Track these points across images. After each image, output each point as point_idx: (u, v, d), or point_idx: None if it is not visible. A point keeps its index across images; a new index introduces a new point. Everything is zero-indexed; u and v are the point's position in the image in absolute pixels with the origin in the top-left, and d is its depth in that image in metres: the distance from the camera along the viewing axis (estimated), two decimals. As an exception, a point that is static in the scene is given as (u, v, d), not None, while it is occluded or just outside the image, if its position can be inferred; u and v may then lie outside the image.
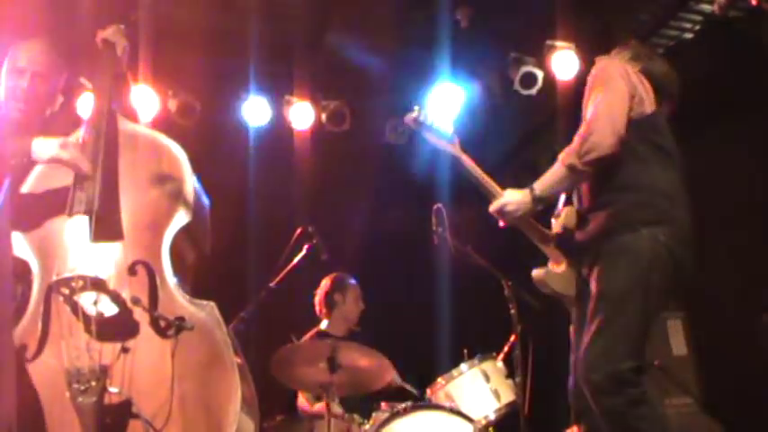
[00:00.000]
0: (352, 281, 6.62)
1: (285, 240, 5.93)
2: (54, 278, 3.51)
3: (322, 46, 7.47)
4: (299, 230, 5.87)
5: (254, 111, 7.82)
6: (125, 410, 3.39)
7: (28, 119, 4.12)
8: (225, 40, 7.34)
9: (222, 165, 7.53)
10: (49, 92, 4.16)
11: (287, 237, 5.94)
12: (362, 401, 5.79)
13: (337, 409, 5.38)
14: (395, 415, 5.21)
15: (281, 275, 5.84)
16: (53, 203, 3.68)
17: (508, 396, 5.57)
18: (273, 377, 5.31)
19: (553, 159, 4.24)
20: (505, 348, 5.77)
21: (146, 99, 7.27)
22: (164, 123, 7.40)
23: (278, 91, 7.86)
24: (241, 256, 7.36)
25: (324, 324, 6.50)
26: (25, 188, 3.79)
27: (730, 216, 6.16)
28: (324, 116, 7.95)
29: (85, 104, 4.59)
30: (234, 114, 7.83)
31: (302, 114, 7.89)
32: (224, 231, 7.04)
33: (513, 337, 5.56)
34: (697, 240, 4.05)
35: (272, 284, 5.79)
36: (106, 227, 3.62)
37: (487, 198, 4.38)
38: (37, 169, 3.84)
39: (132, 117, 4.30)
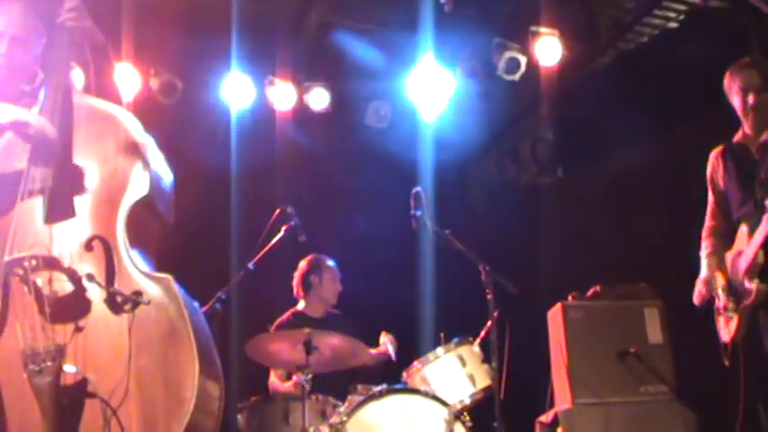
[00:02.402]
0: (330, 262, 6.62)
1: (265, 221, 5.91)
2: (6, 258, 3.45)
3: (305, 27, 7.43)
4: (277, 211, 5.85)
5: (237, 91, 7.78)
6: (82, 389, 3.32)
7: (8, 88, 3.90)
8: (207, 20, 7.30)
9: (203, 144, 7.52)
10: (27, 59, 3.95)
11: (267, 217, 5.92)
12: (338, 383, 5.79)
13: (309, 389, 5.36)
14: (370, 398, 5.20)
15: (260, 255, 5.82)
16: (9, 182, 3.61)
17: (484, 381, 5.57)
18: (248, 357, 5.32)
19: (535, 145, 4.24)
20: (482, 333, 5.78)
21: (128, 77, 7.22)
22: (146, 102, 7.37)
23: (260, 71, 7.83)
24: (220, 236, 7.34)
25: (301, 305, 6.50)
26: None
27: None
28: (306, 97, 7.92)
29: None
30: (216, 94, 7.79)
31: (284, 95, 7.87)
32: (203, 211, 7.08)
33: (489, 323, 5.56)
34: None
35: (250, 264, 5.78)
36: (60, 206, 3.55)
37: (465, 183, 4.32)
38: None
39: (115, 94, 4.19)
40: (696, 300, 4.72)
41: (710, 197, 4.82)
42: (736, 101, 4.62)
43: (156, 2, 6.94)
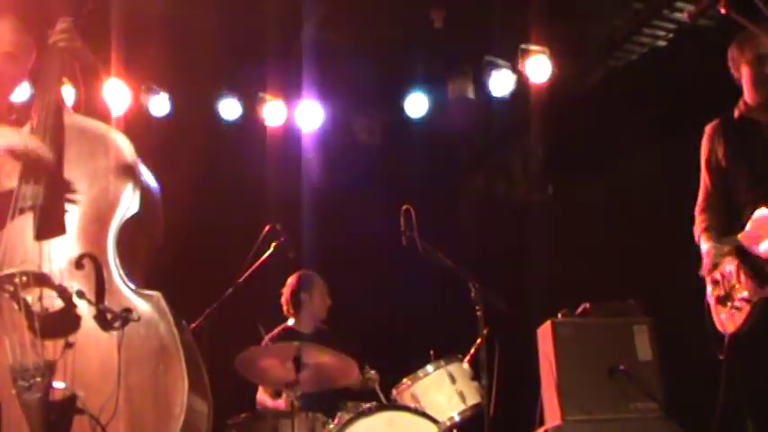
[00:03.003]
0: (318, 278, 6.61)
1: (254, 237, 5.91)
2: None
3: (295, 44, 7.45)
4: (266, 228, 5.85)
5: (227, 107, 7.80)
6: (71, 405, 3.33)
7: None
8: (199, 36, 7.32)
9: (194, 159, 7.51)
10: (17, 75, 4.00)
11: (256, 234, 5.92)
12: (327, 400, 5.77)
13: (299, 406, 5.34)
14: (359, 415, 5.20)
15: (248, 272, 5.81)
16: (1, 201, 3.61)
17: (474, 398, 5.57)
18: (238, 373, 5.30)
19: (525, 162, 4.22)
20: (472, 350, 5.78)
21: (118, 93, 7.23)
22: (136, 118, 7.38)
23: (251, 88, 7.84)
24: (209, 253, 7.34)
25: (291, 321, 6.48)
26: None
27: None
28: (296, 113, 7.94)
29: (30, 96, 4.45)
30: (207, 110, 7.80)
31: (274, 112, 7.88)
32: (193, 227, 7.07)
33: (479, 340, 5.56)
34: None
35: (239, 281, 5.77)
36: (50, 223, 3.56)
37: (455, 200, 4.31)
38: None
39: (104, 112, 4.21)
40: (703, 272, 4.36)
41: (705, 177, 4.52)
42: (745, 72, 4.36)
43: (146, 18, 6.96)
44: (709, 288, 4.38)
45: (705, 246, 4.38)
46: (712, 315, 4.35)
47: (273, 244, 5.87)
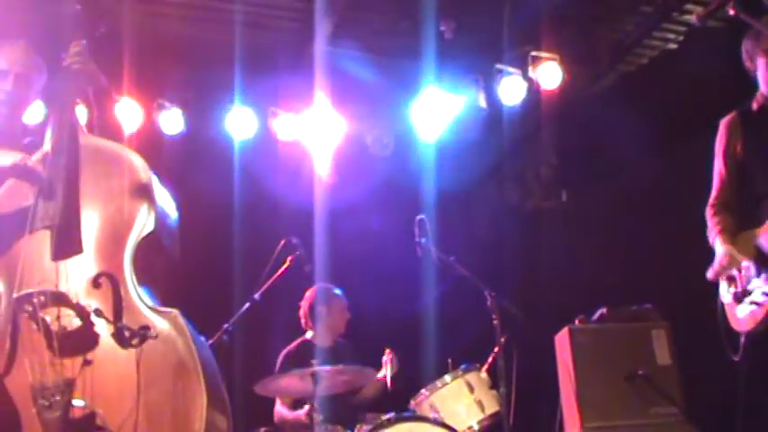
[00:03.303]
0: (337, 291, 6.62)
1: (270, 251, 5.92)
2: (14, 295, 3.48)
3: (306, 57, 7.48)
4: (282, 242, 5.86)
5: (240, 122, 7.82)
6: (90, 423, 3.36)
7: (11, 125, 4.02)
8: (210, 52, 7.36)
9: (207, 176, 7.54)
10: (29, 95, 4.05)
11: (272, 248, 5.93)
12: (346, 412, 5.78)
13: (318, 419, 5.37)
14: (378, 426, 5.20)
15: (265, 287, 5.82)
16: (15, 222, 3.65)
17: (492, 406, 5.56)
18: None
19: (538, 169, 4.20)
20: (489, 359, 5.78)
21: (130, 111, 7.27)
22: (149, 135, 7.41)
23: (263, 102, 7.87)
24: (226, 268, 7.35)
25: (309, 334, 6.50)
26: None
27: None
28: (307, 127, 7.95)
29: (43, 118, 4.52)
30: (219, 125, 7.83)
31: (287, 126, 7.91)
32: (208, 243, 7.09)
33: (496, 348, 5.56)
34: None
35: (255, 296, 5.78)
36: (67, 243, 3.60)
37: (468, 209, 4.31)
38: None
39: (117, 131, 4.26)
40: (710, 275, 4.34)
41: (721, 170, 4.44)
42: (761, 63, 4.29)
43: (158, 36, 7.01)
44: (723, 287, 4.32)
45: (721, 249, 4.31)
46: (727, 315, 4.30)
47: (289, 258, 5.88)
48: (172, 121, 7.62)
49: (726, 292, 4.31)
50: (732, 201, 4.40)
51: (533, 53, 7.59)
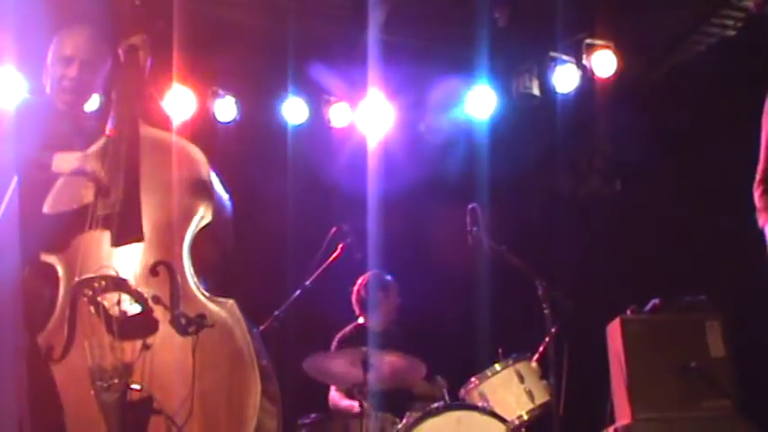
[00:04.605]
0: (389, 277, 6.66)
1: (322, 239, 5.95)
2: (76, 279, 3.56)
3: (360, 45, 7.48)
4: (333, 229, 5.89)
5: (293, 110, 7.87)
6: (147, 406, 3.45)
7: (75, 112, 4.09)
8: (264, 40, 7.40)
9: (261, 163, 7.60)
10: (94, 82, 4.09)
11: (325, 235, 5.96)
12: (397, 400, 5.81)
13: (368, 407, 5.40)
14: (427, 414, 5.23)
15: (316, 274, 5.85)
16: (75, 219, 3.72)
17: (542, 396, 5.56)
18: (307, 375, 5.37)
19: (592, 158, 4.12)
20: (540, 349, 5.76)
21: (183, 99, 7.33)
22: (203, 123, 7.48)
23: (316, 90, 7.90)
24: (279, 256, 7.41)
25: (361, 320, 6.55)
26: (50, 195, 3.80)
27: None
28: (361, 115, 7.97)
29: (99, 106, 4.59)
30: (272, 113, 7.88)
31: (340, 113, 7.94)
32: (262, 231, 7.15)
33: (547, 338, 5.54)
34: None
35: (307, 283, 5.82)
36: (127, 231, 3.66)
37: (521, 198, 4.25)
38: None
39: (162, 123, 4.31)
40: None
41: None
42: None
43: (213, 24, 7.05)
44: None
45: None
46: None
47: (340, 245, 5.90)
48: (226, 108, 7.69)
49: None
50: None
51: (587, 41, 7.53)
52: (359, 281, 6.61)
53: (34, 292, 3.64)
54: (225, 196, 4.01)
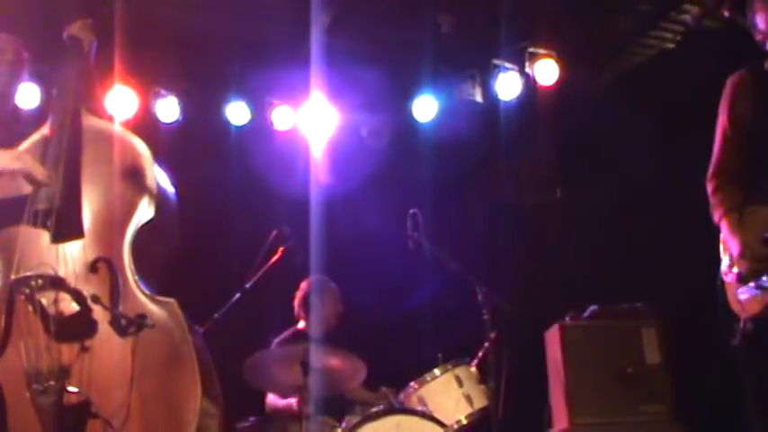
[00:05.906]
0: (331, 284, 6.62)
1: (262, 242, 5.92)
2: (13, 277, 3.47)
3: (303, 48, 7.46)
4: (274, 232, 5.86)
5: (236, 112, 7.82)
6: (84, 410, 3.35)
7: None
8: (208, 41, 7.34)
9: (203, 164, 7.53)
10: (15, 84, 4.02)
11: (264, 238, 5.93)
12: (336, 404, 5.78)
13: (308, 410, 5.36)
14: (367, 418, 5.22)
15: (256, 277, 5.81)
16: (11, 207, 3.62)
17: (481, 401, 5.58)
18: (246, 380, 5.32)
19: (534, 165, 4.12)
20: (479, 354, 5.79)
21: (125, 99, 7.24)
22: (145, 123, 7.39)
23: (259, 92, 7.86)
24: (221, 257, 7.35)
25: (301, 324, 6.50)
26: None
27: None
28: (303, 117, 7.95)
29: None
30: (215, 114, 7.82)
31: (283, 116, 7.91)
32: (203, 231, 7.08)
33: (486, 343, 5.57)
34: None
35: (246, 286, 5.77)
36: (67, 226, 3.57)
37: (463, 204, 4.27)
38: None
39: (104, 116, 4.22)
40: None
41: (726, 130, 4.07)
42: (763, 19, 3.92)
43: (154, 23, 6.98)
44: (725, 263, 3.97)
45: (734, 241, 3.89)
46: (727, 295, 3.94)
47: (281, 248, 5.87)
48: (168, 109, 7.62)
49: (727, 271, 3.95)
50: (736, 168, 4.05)
51: (531, 49, 7.60)
52: (302, 284, 6.57)
53: None
54: (171, 191, 3.92)
